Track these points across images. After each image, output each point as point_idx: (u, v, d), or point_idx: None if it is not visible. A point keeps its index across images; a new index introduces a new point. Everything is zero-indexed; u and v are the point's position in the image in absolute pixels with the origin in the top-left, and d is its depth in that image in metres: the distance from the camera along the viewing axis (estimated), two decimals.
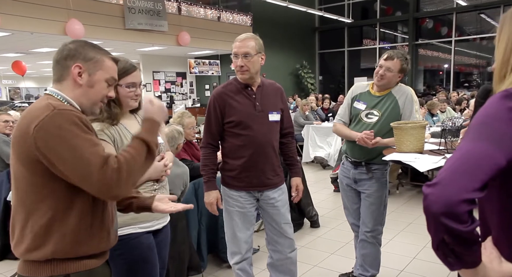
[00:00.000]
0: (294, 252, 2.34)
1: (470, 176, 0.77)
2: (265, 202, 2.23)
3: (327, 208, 4.55)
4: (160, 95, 12.89)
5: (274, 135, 2.21)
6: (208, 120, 2.17)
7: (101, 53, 1.28)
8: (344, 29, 14.69)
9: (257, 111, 2.13)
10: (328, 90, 14.87)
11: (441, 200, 0.77)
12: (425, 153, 2.19)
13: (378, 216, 2.51)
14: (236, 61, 2.08)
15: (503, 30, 0.93)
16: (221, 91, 2.15)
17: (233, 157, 2.16)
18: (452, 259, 0.82)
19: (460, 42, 12.93)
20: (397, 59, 2.32)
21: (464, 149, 0.81)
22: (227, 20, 10.99)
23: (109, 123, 1.61)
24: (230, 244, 2.28)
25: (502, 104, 0.80)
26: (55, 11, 7.29)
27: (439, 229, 0.78)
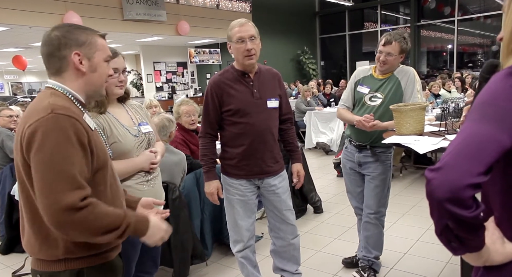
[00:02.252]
0: (296, 238, 2.35)
1: (475, 159, 0.74)
2: (266, 190, 2.23)
3: (330, 193, 4.56)
4: (162, 86, 12.86)
5: (273, 122, 2.19)
6: (205, 109, 2.15)
7: (90, 33, 1.22)
8: (344, 13, 14.49)
9: (255, 98, 2.11)
10: (330, 75, 14.75)
11: (445, 185, 0.74)
12: (425, 135, 2.17)
13: (382, 198, 2.52)
14: (241, 46, 2.01)
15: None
16: (218, 79, 2.12)
17: (233, 146, 2.15)
18: (456, 244, 0.80)
19: (463, 22, 12.71)
20: (395, 41, 2.29)
21: (468, 131, 0.77)
22: (226, 8, 10.87)
23: (97, 111, 1.61)
24: (232, 232, 2.28)
25: (507, 82, 0.76)
26: (52, 4, 7.25)
27: (443, 215, 0.76)
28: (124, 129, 1.66)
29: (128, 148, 1.65)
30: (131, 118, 1.74)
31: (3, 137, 3.57)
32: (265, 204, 2.31)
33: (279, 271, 2.43)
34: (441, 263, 2.77)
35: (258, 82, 2.13)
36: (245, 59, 2.04)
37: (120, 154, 1.63)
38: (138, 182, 1.70)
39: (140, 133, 1.71)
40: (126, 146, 1.64)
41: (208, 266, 2.95)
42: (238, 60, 2.08)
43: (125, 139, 1.64)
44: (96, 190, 1.17)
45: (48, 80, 1.22)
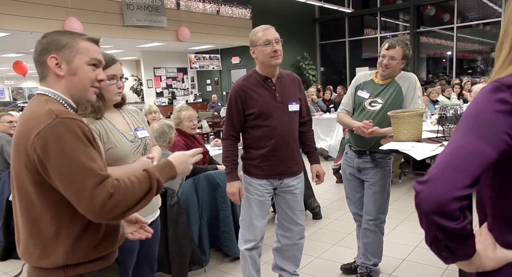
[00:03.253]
0: (303, 239, 2.42)
1: (461, 173, 0.76)
2: (284, 189, 2.30)
3: (329, 199, 4.55)
4: (162, 92, 12.89)
5: (294, 125, 2.28)
6: (229, 112, 2.23)
7: (74, 36, 1.21)
8: (344, 19, 14.55)
9: (277, 102, 2.19)
10: (330, 81, 14.77)
11: (432, 198, 0.76)
12: (423, 141, 2.17)
13: (381, 204, 2.52)
14: (267, 48, 2.11)
15: (505, 14, 0.89)
16: (241, 84, 2.20)
17: (256, 147, 2.24)
18: (446, 254, 0.82)
19: (462, 29, 12.77)
20: (399, 46, 2.33)
21: (455, 144, 0.79)
22: (227, 14, 10.93)
23: (93, 117, 1.61)
24: (245, 231, 2.33)
25: (492, 96, 0.78)
26: (53, 10, 7.29)
27: (431, 226, 0.78)
28: (120, 135, 1.66)
29: (124, 154, 1.65)
30: (127, 123, 1.74)
31: (3, 142, 3.58)
32: (278, 203, 2.36)
33: (278, 269, 2.47)
34: (439, 269, 2.76)
35: (280, 86, 2.22)
36: (272, 59, 2.13)
37: (116, 159, 1.63)
38: None
39: (137, 138, 1.72)
40: (122, 152, 1.64)
41: (206, 272, 2.94)
42: (264, 62, 2.16)
43: (121, 144, 1.64)
44: None
45: (39, 86, 1.22)
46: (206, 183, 2.95)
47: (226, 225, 3.00)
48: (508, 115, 0.77)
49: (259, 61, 2.18)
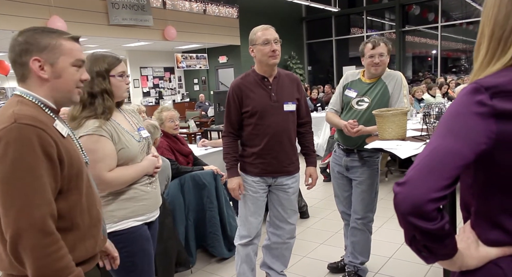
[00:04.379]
0: (293, 239, 2.44)
1: (437, 174, 0.76)
2: (277, 187, 2.32)
3: (316, 198, 4.56)
4: (149, 91, 12.78)
5: (289, 125, 2.28)
6: (228, 110, 2.27)
7: (55, 36, 1.15)
8: (331, 18, 14.62)
9: (272, 101, 2.21)
10: (318, 80, 14.84)
11: (408, 199, 0.77)
12: (407, 139, 2.18)
13: (369, 203, 2.53)
14: (266, 48, 2.14)
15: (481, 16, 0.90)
16: (239, 82, 2.25)
17: (250, 145, 2.27)
18: (426, 253, 0.83)
19: (446, 28, 12.95)
20: (382, 42, 2.37)
21: (432, 146, 0.80)
22: (213, 13, 10.88)
23: (104, 118, 1.61)
24: (241, 227, 2.37)
25: (471, 97, 0.79)
26: (36, 9, 7.15)
27: (408, 227, 0.79)
28: (129, 135, 1.68)
29: (134, 154, 1.67)
30: (130, 123, 1.75)
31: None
32: (271, 201, 2.38)
33: (266, 268, 2.48)
34: (425, 267, 2.79)
35: (277, 86, 2.24)
36: (270, 58, 2.16)
37: (127, 160, 1.65)
38: (143, 184, 1.72)
39: (141, 138, 1.74)
40: (132, 152, 1.66)
41: (192, 274, 2.92)
42: (262, 62, 2.19)
43: (131, 144, 1.67)
44: (71, 199, 1.14)
45: (16, 87, 1.17)
46: (192, 184, 2.92)
47: (212, 225, 2.98)
48: (485, 117, 0.77)
49: (257, 60, 2.21)
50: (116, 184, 1.61)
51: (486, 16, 0.85)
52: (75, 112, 1.61)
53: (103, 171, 1.56)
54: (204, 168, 3.04)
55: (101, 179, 1.56)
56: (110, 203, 1.65)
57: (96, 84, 1.60)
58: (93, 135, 1.57)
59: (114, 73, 1.64)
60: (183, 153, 3.08)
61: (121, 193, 1.66)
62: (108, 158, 1.59)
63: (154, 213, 1.80)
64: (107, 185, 1.59)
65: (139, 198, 1.70)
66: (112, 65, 1.64)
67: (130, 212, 1.67)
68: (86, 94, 1.60)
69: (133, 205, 1.68)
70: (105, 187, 1.60)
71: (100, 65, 1.62)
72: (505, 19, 0.81)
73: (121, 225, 1.65)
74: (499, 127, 0.77)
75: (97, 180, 1.55)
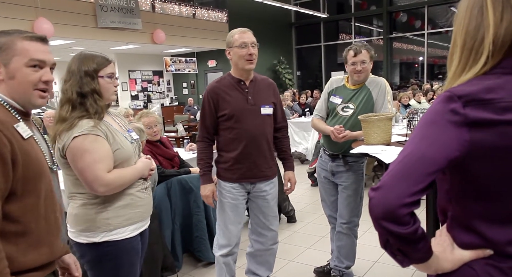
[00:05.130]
0: (276, 245, 2.42)
1: (410, 180, 0.78)
2: (256, 194, 2.28)
3: (304, 202, 4.58)
4: (137, 94, 12.70)
5: (267, 128, 2.25)
6: (203, 114, 2.24)
7: (11, 36, 1.13)
8: (320, 24, 14.75)
9: (249, 104, 2.18)
10: (306, 85, 14.93)
11: (382, 204, 0.79)
12: (392, 144, 2.21)
13: (355, 208, 2.54)
14: (243, 51, 2.12)
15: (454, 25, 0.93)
16: (214, 86, 2.21)
17: (227, 150, 2.22)
18: (400, 257, 0.84)
19: (433, 35, 13.18)
20: (364, 49, 2.38)
21: (406, 152, 0.82)
22: (203, 17, 10.89)
23: (98, 118, 1.56)
24: (220, 236, 2.31)
25: (445, 105, 0.81)
26: (22, 10, 7.06)
27: (381, 231, 0.81)
28: (122, 136, 1.64)
29: (129, 155, 1.64)
30: (120, 125, 1.72)
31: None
32: (251, 208, 2.35)
33: (251, 274, 2.47)
34: (409, 271, 2.82)
35: (253, 89, 2.22)
36: (246, 63, 2.14)
37: (123, 161, 1.61)
38: (138, 190, 1.68)
39: (133, 139, 1.71)
40: (127, 153, 1.63)
41: None
42: (238, 65, 2.16)
43: (126, 145, 1.63)
44: (26, 202, 1.10)
45: None
46: (179, 188, 2.91)
47: (199, 229, 2.97)
48: (459, 126, 0.79)
49: (233, 63, 2.18)
50: (116, 185, 1.56)
51: (458, 26, 0.87)
52: (64, 113, 1.54)
53: (103, 171, 1.51)
54: (191, 171, 3.02)
55: (102, 180, 1.51)
56: (105, 211, 1.59)
57: (85, 84, 1.55)
58: (89, 134, 1.51)
59: (103, 74, 1.59)
60: (167, 156, 3.05)
61: (117, 200, 1.60)
62: (107, 159, 1.54)
63: (146, 221, 1.76)
64: (108, 186, 1.53)
65: (134, 205, 1.65)
66: (101, 66, 1.58)
67: (125, 220, 1.62)
68: (75, 93, 1.54)
69: (128, 212, 1.63)
70: (106, 190, 1.54)
71: (88, 65, 1.57)
72: (475, 30, 0.84)
73: (116, 235, 1.60)
74: (472, 136, 0.79)
75: (97, 182, 1.51)
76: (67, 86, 1.57)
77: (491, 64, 0.82)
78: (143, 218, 1.70)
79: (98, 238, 1.58)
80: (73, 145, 1.50)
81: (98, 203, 1.58)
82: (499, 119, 0.77)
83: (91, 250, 1.60)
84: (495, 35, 0.81)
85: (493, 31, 0.81)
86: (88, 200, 1.58)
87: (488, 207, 0.84)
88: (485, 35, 0.82)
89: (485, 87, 0.79)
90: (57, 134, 1.54)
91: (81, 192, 1.59)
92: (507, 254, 0.84)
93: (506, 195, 0.83)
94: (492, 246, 0.85)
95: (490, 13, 0.82)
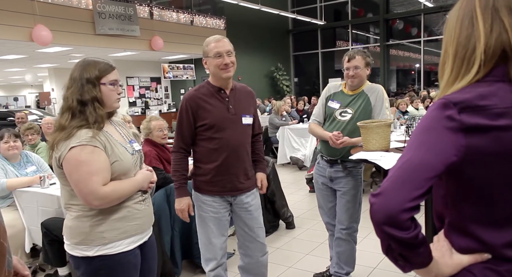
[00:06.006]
0: (265, 256, 2.33)
1: (410, 185, 0.80)
2: (239, 207, 2.21)
3: (303, 209, 4.58)
4: (135, 101, 12.71)
5: (246, 138, 2.19)
6: (179, 124, 2.13)
7: None
8: (317, 31, 14.87)
9: (231, 114, 2.10)
10: (304, 92, 15.00)
11: (383, 210, 0.80)
12: (391, 151, 2.23)
13: (354, 213, 2.54)
14: (218, 61, 2.04)
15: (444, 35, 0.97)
16: (193, 94, 2.11)
17: (206, 162, 2.12)
18: (402, 262, 0.86)
19: (429, 42, 13.30)
20: (358, 55, 2.39)
21: (405, 158, 0.84)
22: (201, 24, 10.96)
23: (97, 128, 1.51)
24: (204, 251, 2.23)
25: (440, 112, 0.83)
26: (20, 17, 7.10)
27: (383, 237, 0.82)
28: (122, 147, 1.59)
29: (128, 167, 1.58)
30: (122, 135, 1.66)
31: None
32: (235, 221, 2.28)
33: None
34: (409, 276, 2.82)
35: (234, 99, 2.14)
36: (222, 71, 2.05)
37: (121, 173, 1.56)
38: (136, 202, 1.62)
39: (134, 151, 1.65)
40: (126, 165, 1.57)
41: None
42: (215, 74, 2.08)
43: (125, 157, 1.57)
44: None
45: None
46: None
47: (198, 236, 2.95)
48: (455, 132, 0.81)
49: (210, 72, 2.10)
50: (112, 199, 1.50)
51: (449, 36, 0.91)
52: (64, 121, 1.51)
53: (98, 184, 1.46)
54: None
55: (97, 194, 1.46)
56: (100, 224, 1.53)
57: (86, 91, 1.50)
58: (86, 146, 1.46)
59: (105, 81, 1.54)
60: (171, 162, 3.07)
61: (113, 212, 1.55)
62: (104, 171, 1.48)
63: (147, 232, 1.70)
64: (103, 200, 1.48)
65: (131, 217, 1.59)
66: (103, 73, 1.54)
67: (121, 233, 1.56)
68: (75, 101, 1.51)
69: (125, 225, 1.57)
70: (100, 203, 1.49)
71: (91, 72, 1.52)
72: (466, 40, 0.87)
73: (111, 249, 1.54)
74: (468, 141, 0.81)
75: (92, 195, 1.46)
76: (68, 94, 1.53)
77: (483, 73, 0.85)
78: (141, 231, 1.64)
79: (92, 252, 1.53)
80: (69, 156, 1.46)
81: (93, 215, 1.53)
82: (493, 124, 0.80)
83: (86, 263, 1.55)
84: (486, 45, 0.84)
85: (484, 41, 0.84)
86: (83, 212, 1.53)
87: (483, 210, 0.86)
88: (477, 45, 0.85)
89: (478, 94, 0.82)
90: (55, 143, 1.51)
91: (76, 203, 1.54)
92: (504, 257, 0.86)
93: (500, 198, 0.85)
94: (489, 249, 0.87)
95: (480, 25, 0.85)
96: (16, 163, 3.21)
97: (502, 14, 0.84)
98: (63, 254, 2.91)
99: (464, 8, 0.89)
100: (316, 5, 14.56)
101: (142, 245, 1.67)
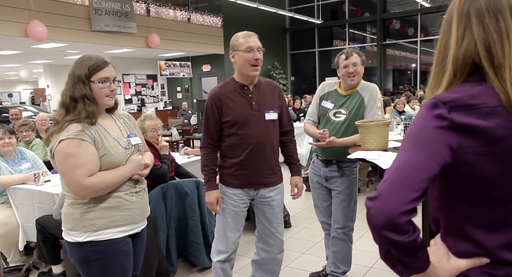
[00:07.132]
0: (282, 253, 2.35)
1: (407, 187, 0.79)
2: (260, 201, 2.24)
3: (299, 208, 4.57)
4: (131, 98, 12.65)
5: (272, 134, 2.20)
6: (206, 120, 2.19)
7: None
8: (314, 30, 14.86)
9: (253, 110, 2.13)
10: (301, 91, 15.00)
11: (381, 214, 0.78)
12: (389, 150, 2.22)
13: (349, 212, 2.54)
14: (249, 55, 2.06)
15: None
16: (218, 91, 2.16)
17: (231, 156, 2.17)
18: (400, 268, 0.84)
19: (425, 42, 13.33)
20: (355, 53, 2.40)
21: (399, 160, 0.83)
22: (198, 22, 10.91)
23: (88, 122, 1.57)
24: (218, 242, 2.27)
25: (431, 112, 0.82)
26: (15, 12, 7.03)
27: (382, 241, 0.81)
28: (114, 141, 1.64)
29: (118, 161, 1.63)
30: (120, 129, 1.71)
31: None
32: (257, 215, 2.31)
33: None
34: None
35: (257, 95, 2.16)
36: (251, 68, 2.08)
37: (110, 166, 1.61)
38: (127, 193, 1.67)
39: (130, 145, 1.69)
40: (116, 159, 1.62)
41: None
42: (242, 70, 2.11)
43: (116, 151, 1.62)
44: None
45: None
46: (174, 192, 2.89)
47: (194, 234, 2.95)
48: (446, 130, 0.80)
49: (237, 67, 2.13)
50: (97, 189, 1.57)
51: (439, 38, 0.90)
52: (58, 116, 1.59)
53: (82, 176, 1.53)
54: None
55: (80, 185, 1.53)
56: (90, 211, 1.60)
57: (77, 89, 1.57)
58: (74, 139, 1.53)
59: (95, 79, 1.59)
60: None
61: (103, 201, 1.61)
62: (89, 164, 1.55)
63: (139, 224, 1.75)
64: (87, 190, 1.55)
65: (121, 208, 1.64)
66: (93, 71, 1.58)
67: (110, 222, 1.62)
68: (68, 98, 1.58)
69: (114, 214, 1.62)
70: (85, 193, 1.57)
71: (81, 70, 1.58)
72: (445, 45, 0.86)
73: (99, 235, 1.60)
74: (460, 140, 0.80)
75: (76, 186, 1.54)
76: (64, 90, 1.62)
77: (459, 81, 0.84)
78: (132, 222, 1.68)
79: (82, 237, 1.60)
80: (58, 148, 1.54)
81: (84, 203, 1.60)
82: (483, 123, 0.79)
83: (77, 249, 1.63)
84: (454, 55, 0.83)
85: (453, 51, 0.83)
86: (75, 200, 1.61)
87: (477, 211, 0.85)
88: (449, 52, 0.84)
89: (468, 94, 0.81)
90: (49, 136, 1.60)
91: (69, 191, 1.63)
92: (502, 261, 0.85)
93: (494, 198, 0.83)
94: (485, 252, 0.85)
95: (453, 31, 0.84)
96: (10, 160, 3.18)
97: (472, 22, 0.82)
98: (58, 251, 2.90)
99: (449, 11, 0.88)
100: (313, 4, 14.55)
101: (134, 236, 1.73)
